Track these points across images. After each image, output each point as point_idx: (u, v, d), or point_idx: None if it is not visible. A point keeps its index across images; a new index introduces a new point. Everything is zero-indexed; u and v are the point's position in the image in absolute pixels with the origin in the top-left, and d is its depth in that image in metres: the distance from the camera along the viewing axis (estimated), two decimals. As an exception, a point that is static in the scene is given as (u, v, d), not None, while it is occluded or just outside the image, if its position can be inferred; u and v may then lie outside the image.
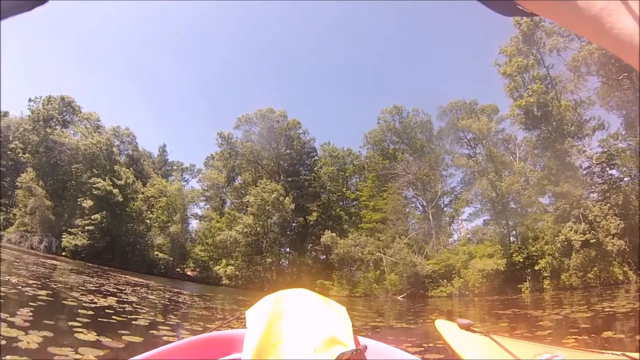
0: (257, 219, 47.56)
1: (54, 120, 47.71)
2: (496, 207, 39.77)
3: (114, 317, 7.96)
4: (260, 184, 48.99)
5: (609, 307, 14.32)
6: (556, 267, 30.78)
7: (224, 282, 44.69)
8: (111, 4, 76.91)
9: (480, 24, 75.61)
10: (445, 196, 51.63)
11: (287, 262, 52.88)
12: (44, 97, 48.62)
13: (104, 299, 10.88)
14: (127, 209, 46.65)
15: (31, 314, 6.62)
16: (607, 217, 28.53)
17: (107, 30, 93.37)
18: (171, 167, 68.89)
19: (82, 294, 11.27)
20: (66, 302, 9.73)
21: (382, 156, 55.58)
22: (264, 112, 54.49)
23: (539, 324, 11.31)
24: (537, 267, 32.59)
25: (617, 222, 27.90)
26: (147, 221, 49.12)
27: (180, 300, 16.87)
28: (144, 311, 10.08)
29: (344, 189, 58.14)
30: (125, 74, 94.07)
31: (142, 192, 50.79)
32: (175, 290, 22.96)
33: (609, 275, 27.73)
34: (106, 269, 33.25)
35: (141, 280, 26.69)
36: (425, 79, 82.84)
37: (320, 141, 60.30)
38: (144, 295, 15.81)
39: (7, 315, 6.10)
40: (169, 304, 14.37)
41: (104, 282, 18.08)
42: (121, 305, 10.36)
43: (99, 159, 45.68)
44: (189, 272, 49.58)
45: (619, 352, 2.03)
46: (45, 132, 45.56)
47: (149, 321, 8.28)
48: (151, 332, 7.17)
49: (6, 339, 4.83)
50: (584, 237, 28.27)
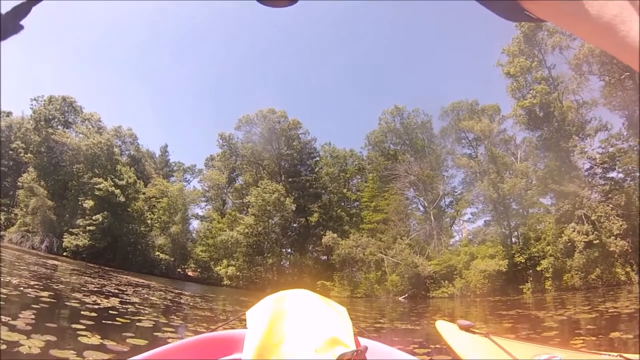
0: (258, 219, 47.50)
1: (56, 120, 47.72)
2: (498, 208, 39.68)
3: (118, 318, 7.91)
4: (261, 184, 48.97)
5: (612, 307, 14.26)
6: (558, 268, 30.68)
7: (225, 282, 44.64)
8: (114, 4, 76.95)
9: (481, 24, 75.54)
10: (446, 197, 51.69)
11: (288, 263, 52.85)
12: (46, 97, 48.64)
13: (106, 300, 10.83)
14: (128, 210, 46.67)
15: (33, 316, 6.54)
16: (610, 217, 28.47)
17: (110, 30, 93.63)
18: (172, 168, 68.93)
19: (84, 295, 11.21)
20: (69, 303, 9.67)
21: (383, 157, 55.60)
22: (264, 113, 54.52)
23: (544, 324, 11.28)
24: (539, 268, 32.50)
25: (620, 223, 27.84)
26: (148, 221, 49.08)
27: (182, 301, 16.82)
28: (146, 312, 10.03)
29: (345, 190, 58.00)
30: (127, 75, 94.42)
31: (143, 193, 50.83)
32: (176, 291, 22.91)
33: (611, 276, 27.65)
34: (107, 269, 33.20)
35: (142, 280, 26.65)
36: (426, 79, 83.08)
37: (321, 142, 60.24)
38: (146, 296, 15.76)
39: (8, 318, 5.99)
40: (171, 304, 14.32)
41: (106, 283, 18.03)
42: (124, 306, 10.31)
43: (101, 159, 45.67)
44: (190, 273, 49.51)
45: (615, 354, 2.01)
46: (47, 132, 45.53)
47: (153, 323, 8.22)
48: (155, 334, 7.12)
49: (7, 343, 4.72)
50: (588, 237, 28.20)
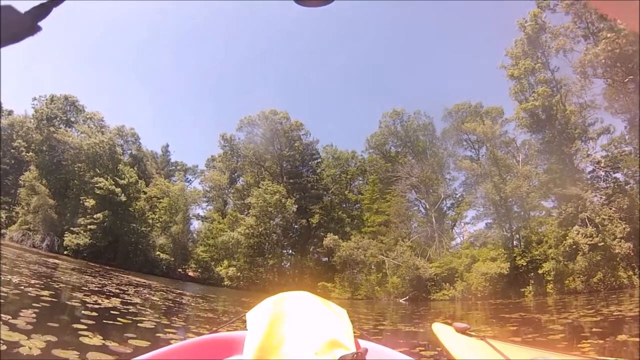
0: (259, 220, 47.40)
1: (58, 119, 47.63)
2: (499, 211, 39.56)
3: (119, 319, 7.84)
4: (262, 185, 48.94)
5: (617, 311, 14.22)
6: (560, 271, 30.56)
7: (225, 283, 44.57)
8: (116, 4, 77.02)
9: (483, 24, 75.91)
10: (447, 199, 51.62)
11: (289, 264, 52.80)
12: (48, 96, 48.66)
13: (107, 300, 10.77)
14: (129, 209, 46.54)
15: (34, 315, 6.47)
16: (613, 220, 28.36)
17: (111, 30, 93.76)
18: (174, 168, 69.00)
19: (85, 295, 11.15)
20: (70, 302, 9.61)
21: (384, 159, 55.74)
22: (266, 114, 54.41)
23: (550, 328, 11.23)
24: (540, 271, 32.39)
25: (623, 226, 27.73)
26: (150, 221, 48.98)
27: (183, 301, 16.78)
28: (148, 313, 9.98)
29: (347, 192, 58.12)
30: (129, 75, 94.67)
31: (144, 192, 50.80)
32: (177, 291, 22.88)
33: (614, 279, 27.54)
34: (108, 268, 33.21)
35: (143, 280, 26.62)
36: (427, 81, 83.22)
37: (322, 143, 60.24)
38: (147, 296, 15.72)
39: (9, 317, 5.92)
40: (172, 305, 14.26)
41: (107, 282, 17.97)
42: (125, 306, 10.24)
43: (102, 159, 45.63)
44: (191, 273, 49.48)
45: (612, 359, 1.96)
46: (48, 131, 45.48)
47: (154, 324, 8.15)
48: (158, 335, 7.06)
49: (7, 343, 4.63)
50: (592, 240, 28.11)
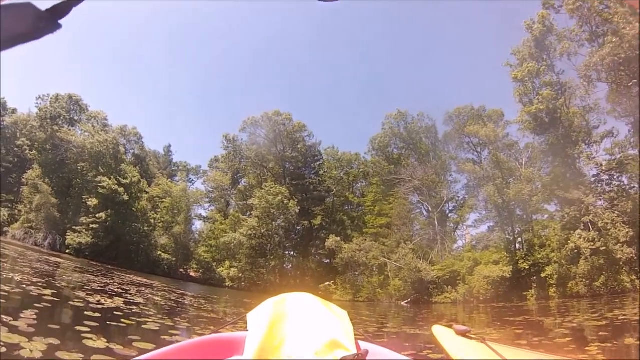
0: (261, 221, 47.37)
1: (62, 118, 47.73)
2: (502, 214, 39.47)
3: (122, 320, 7.78)
4: (265, 186, 48.90)
5: (622, 315, 14.16)
6: (563, 275, 30.47)
7: (227, 283, 44.61)
8: (121, 4, 77.08)
9: (486, 27, 75.83)
10: (450, 202, 51.48)
11: (290, 266, 52.70)
12: (52, 95, 48.72)
13: (110, 300, 10.71)
14: (132, 209, 46.54)
15: (35, 316, 6.37)
16: (616, 224, 28.18)
17: (116, 30, 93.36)
18: (177, 168, 69.03)
19: (87, 294, 11.10)
20: (72, 302, 9.55)
21: (387, 161, 55.53)
22: (270, 115, 54.47)
23: (556, 331, 11.19)
24: (543, 275, 32.30)
25: (626, 230, 27.55)
26: (152, 221, 49.01)
27: (186, 302, 16.76)
28: (151, 314, 9.93)
29: (349, 194, 57.98)
30: (133, 74, 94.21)
31: (147, 192, 50.84)
32: (179, 291, 22.86)
33: (616, 283, 27.43)
34: (110, 267, 33.18)
35: (145, 280, 26.55)
36: (430, 83, 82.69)
37: (325, 145, 60.18)
38: (150, 296, 15.68)
39: (9, 318, 5.80)
40: (175, 306, 14.24)
41: (109, 282, 17.93)
42: (128, 307, 10.20)
43: (105, 158, 45.66)
44: (192, 273, 49.40)
45: None
46: (52, 130, 45.58)
47: (159, 325, 8.09)
48: (163, 337, 6.97)
49: (7, 346, 4.50)
50: (594, 244, 27.98)
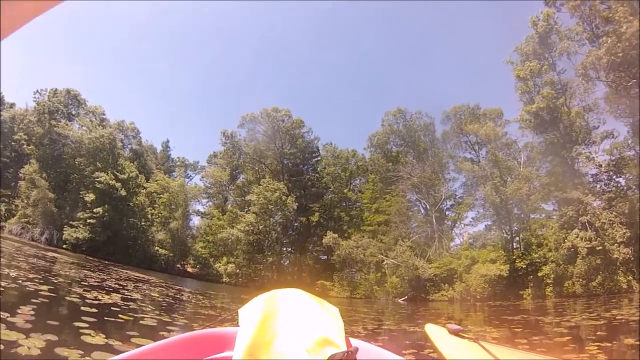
0: (259, 217, 47.48)
1: (59, 113, 47.54)
2: (500, 212, 39.56)
3: (120, 315, 7.75)
4: (263, 182, 48.97)
5: (619, 315, 14.24)
6: (559, 274, 30.56)
7: (224, 279, 44.70)
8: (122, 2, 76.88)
9: (487, 26, 75.82)
10: (447, 200, 51.56)
11: (288, 262, 52.82)
12: (50, 89, 48.53)
13: (107, 296, 10.68)
14: (129, 204, 46.34)
15: (32, 312, 6.33)
16: (614, 225, 28.35)
17: (115, 25, 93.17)
18: (175, 163, 69.00)
19: (84, 290, 11.04)
20: (69, 298, 9.50)
21: (385, 159, 55.76)
22: (268, 111, 54.46)
23: (555, 331, 11.25)
24: (540, 274, 32.39)
25: (623, 231, 27.71)
26: (149, 216, 48.88)
27: (183, 298, 16.72)
28: (149, 309, 9.89)
29: (347, 190, 58.13)
30: (131, 69, 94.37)
31: (144, 187, 50.64)
32: (177, 287, 22.80)
33: (613, 284, 27.56)
34: (107, 263, 33.07)
35: (142, 275, 26.57)
36: (429, 81, 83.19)
37: (323, 141, 60.37)
38: (147, 292, 15.66)
39: (6, 314, 5.75)
40: (173, 302, 14.20)
41: (106, 277, 17.90)
42: (125, 302, 10.16)
43: (103, 153, 45.48)
44: (189, 269, 49.40)
45: None
46: (49, 125, 45.41)
47: (156, 321, 8.06)
48: (161, 333, 6.94)
49: (4, 343, 4.46)
50: (591, 244, 28.11)
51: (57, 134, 44.93)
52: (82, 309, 7.81)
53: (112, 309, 8.62)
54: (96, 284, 14.02)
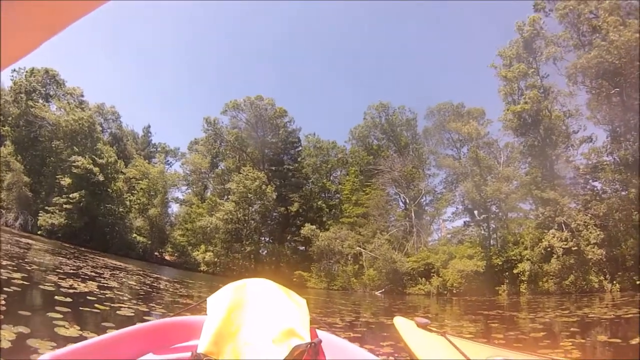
0: (238, 206, 47.39)
1: (37, 93, 46.43)
2: (478, 210, 40.03)
3: (96, 305, 7.61)
4: (243, 171, 48.69)
5: (591, 313, 14.57)
6: (534, 272, 31.17)
7: (201, 268, 44.46)
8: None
9: (474, 25, 76.30)
10: (427, 195, 52.03)
11: (266, 252, 52.75)
12: (28, 68, 47.36)
13: (83, 284, 10.48)
14: (107, 189, 45.34)
15: (4, 302, 6.15)
16: (588, 227, 29.09)
17: (105, 10, 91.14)
18: (155, 149, 68.23)
19: (59, 278, 10.83)
20: (43, 286, 9.31)
21: (366, 151, 56.25)
22: (252, 99, 54.37)
23: (530, 326, 11.48)
24: (515, 271, 32.91)
25: (597, 233, 28.46)
26: (127, 203, 48.21)
27: (161, 286, 16.54)
28: (125, 298, 9.73)
29: (326, 181, 58.47)
30: (114, 51, 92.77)
31: (123, 173, 49.94)
32: (154, 275, 22.57)
33: (585, 283, 28.27)
34: (83, 250, 32.48)
35: (119, 263, 26.09)
36: (414, 77, 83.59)
37: (305, 132, 60.68)
38: (124, 280, 15.42)
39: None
40: (150, 290, 14.02)
41: (82, 265, 17.59)
42: (102, 291, 9.98)
43: (81, 136, 44.41)
44: (167, 257, 49.08)
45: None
46: (26, 105, 44.19)
47: (133, 311, 7.91)
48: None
49: None
50: (567, 244, 28.85)
51: (33, 116, 43.81)
52: (57, 298, 7.64)
53: (88, 298, 8.45)
54: (72, 271, 13.78)
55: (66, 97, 48.40)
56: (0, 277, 8.41)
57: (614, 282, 27.43)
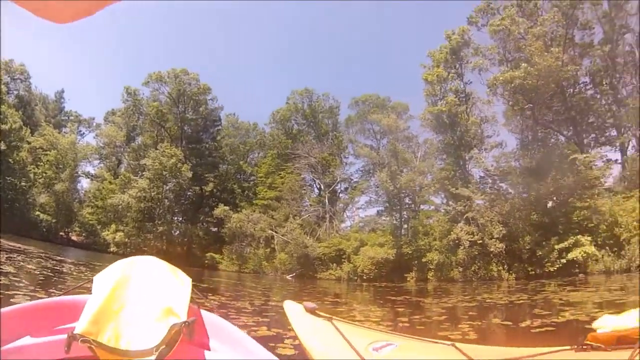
0: (152, 183, 45.98)
1: None
2: (392, 200, 41.22)
3: (-12, 293, 7.12)
4: (160, 147, 47.18)
5: (489, 299, 15.80)
6: (441, 261, 32.72)
7: (111, 249, 42.63)
8: None
9: (409, 25, 77.89)
10: (342, 182, 53.17)
11: (178, 232, 51.22)
12: None
13: (-26, 269, 9.76)
14: (8, 160, 40.61)
15: None
16: (493, 222, 31.40)
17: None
18: (67, 117, 63.98)
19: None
20: None
21: (285, 135, 56.44)
22: (177, 72, 52.71)
23: (434, 310, 12.28)
24: (424, 260, 34.27)
25: (500, 228, 30.91)
26: (31, 175, 44.38)
27: (64, 270, 15.75)
28: (22, 285, 9.12)
29: (243, 163, 58.32)
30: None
31: (28, 142, 46.05)
32: (58, 258, 21.36)
33: (485, 272, 30.44)
34: (-25, 230, 29.74)
35: (18, 245, 24.02)
36: (342, 67, 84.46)
37: (226, 111, 59.99)
38: (22, 264, 14.45)
39: None
40: (52, 275, 13.28)
41: (-27, 247, 16.33)
42: (-5, 278, 9.34)
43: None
44: (74, 237, 46.70)
45: (449, 343, 2.14)
46: None
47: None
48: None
49: None
50: (473, 237, 30.96)
51: None
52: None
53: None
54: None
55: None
56: None
57: (510, 272, 29.84)
